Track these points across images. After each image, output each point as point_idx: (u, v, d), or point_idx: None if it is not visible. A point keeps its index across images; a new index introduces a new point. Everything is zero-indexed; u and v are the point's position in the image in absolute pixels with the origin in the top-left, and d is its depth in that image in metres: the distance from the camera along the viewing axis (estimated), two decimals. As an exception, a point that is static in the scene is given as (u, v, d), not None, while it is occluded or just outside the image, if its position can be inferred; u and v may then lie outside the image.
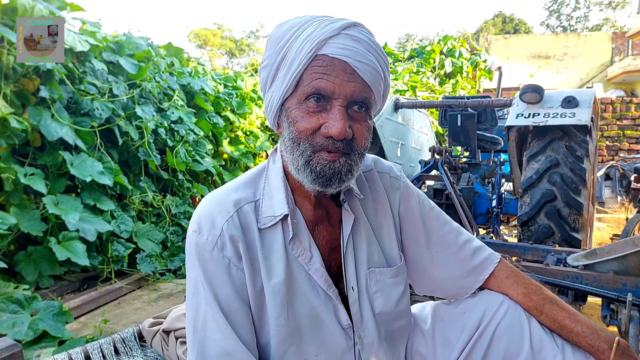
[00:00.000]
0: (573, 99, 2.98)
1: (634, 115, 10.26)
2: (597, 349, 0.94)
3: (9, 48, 3.03)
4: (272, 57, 0.87)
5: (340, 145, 0.83)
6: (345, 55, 0.82)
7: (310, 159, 0.84)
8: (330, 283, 0.93)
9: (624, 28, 27.48)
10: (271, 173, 0.95)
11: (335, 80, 0.81)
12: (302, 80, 0.83)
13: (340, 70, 0.82)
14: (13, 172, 2.92)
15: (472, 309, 1.05)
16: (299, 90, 0.84)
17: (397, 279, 1.01)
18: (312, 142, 0.84)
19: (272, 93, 0.88)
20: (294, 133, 0.85)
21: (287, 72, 0.84)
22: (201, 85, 5.01)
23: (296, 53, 0.82)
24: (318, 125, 0.83)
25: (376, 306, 0.97)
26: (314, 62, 0.82)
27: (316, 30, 0.82)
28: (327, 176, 0.84)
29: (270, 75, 0.88)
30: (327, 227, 0.97)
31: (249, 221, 0.90)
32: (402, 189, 1.07)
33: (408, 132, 4.65)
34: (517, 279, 1.05)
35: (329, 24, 0.84)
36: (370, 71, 0.84)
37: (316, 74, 0.82)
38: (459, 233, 1.09)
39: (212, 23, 33.82)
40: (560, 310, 0.99)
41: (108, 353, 1.54)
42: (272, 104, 0.89)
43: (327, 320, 0.91)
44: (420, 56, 11.61)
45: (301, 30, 0.84)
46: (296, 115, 0.84)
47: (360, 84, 0.83)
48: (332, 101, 0.83)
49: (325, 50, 0.82)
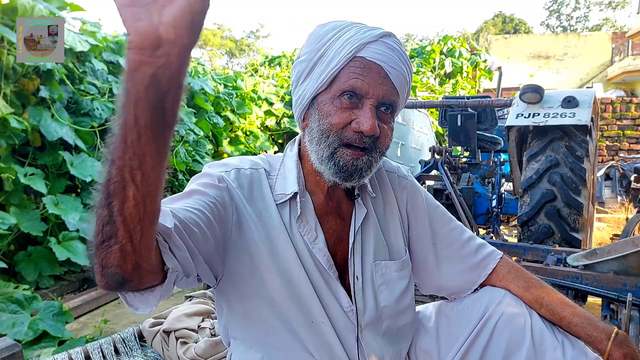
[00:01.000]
0: (573, 99, 2.98)
1: (634, 115, 10.26)
2: (595, 339, 0.97)
3: (9, 48, 3.03)
4: (311, 53, 0.92)
5: (368, 141, 0.89)
6: (381, 60, 0.89)
7: (335, 151, 0.90)
8: (332, 264, 0.96)
9: (624, 28, 27.48)
10: (287, 158, 1.01)
11: (370, 81, 0.88)
12: (338, 77, 0.90)
13: (375, 73, 0.89)
14: (13, 172, 2.92)
15: (475, 303, 1.07)
16: (333, 87, 0.90)
17: (401, 273, 1.04)
18: (341, 135, 0.90)
19: (305, 86, 0.94)
20: (326, 125, 0.90)
21: (325, 69, 0.90)
22: (201, 85, 5.01)
23: (336, 52, 0.89)
24: (349, 120, 0.89)
25: (381, 299, 1.00)
26: (352, 63, 0.89)
27: (357, 35, 0.90)
28: (349, 171, 0.90)
29: (306, 70, 0.94)
30: (336, 218, 1.01)
31: (260, 181, 0.97)
32: (409, 188, 1.12)
33: (408, 132, 4.65)
34: (518, 274, 1.09)
35: (368, 30, 0.91)
36: (400, 77, 0.92)
37: (353, 73, 0.89)
38: (462, 230, 1.14)
39: (212, 23, 33.79)
40: (559, 303, 1.02)
41: (108, 353, 1.55)
42: (304, 97, 0.94)
43: (326, 298, 0.94)
44: (420, 56, 11.61)
45: (342, 32, 0.91)
46: (329, 109, 0.90)
47: (391, 88, 0.91)
48: (365, 100, 0.89)
49: (364, 53, 0.89)
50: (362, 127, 0.87)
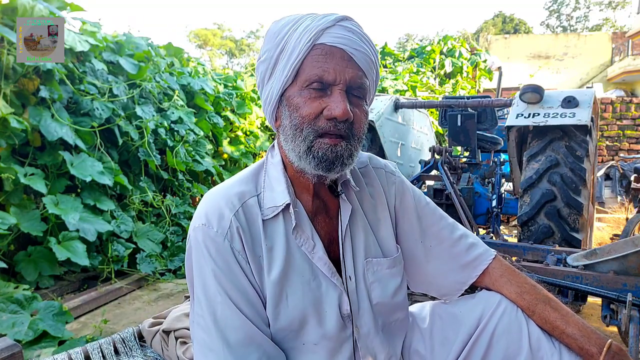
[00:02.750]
0: (573, 99, 2.98)
1: (634, 115, 10.26)
2: (586, 352, 0.94)
3: (9, 48, 3.03)
4: (271, 50, 0.90)
5: (343, 126, 0.87)
6: (342, 43, 0.87)
7: (312, 144, 0.87)
8: (334, 271, 0.94)
9: (624, 28, 27.48)
10: (270, 167, 0.98)
11: (335, 67, 0.86)
12: (302, 69, 0.87)
13: (338, 57, 0.87)
14: (13, 172, 2.92)
15: (471, 308, 1.05)
16: (299, 79, 0.88)
17: (393, 270, 1.03)
18: (314, 126, 0.87)
19: (271, 85, 0.91)
20: (297, 119, 0.88)
21: (287, 63, 0.87)
22: (201, 85, 5.01)
23: (295, 44, 0.87)
24: (320, 109, 0.87)
25: (373, 297, 0.99)
26: (313, 52, 0.87)
27: (313, 22, 0.87)
28: (330, 160, 0.88)
29: (269, 68, 0.91)
30: (325, 218, 0.99)
31: (253, 214, 0.92)
32: (397, 184, 1.10)
33: (408, 132, 4.65)
34: (511, 278, 1.06)
35: (324, 17, 0.89)
36: (365, 59, 0.89)
37: (317, 62, 0.86)
38: (454, 228, 1.10)
39: (212, 23, 33.84)
40: (552, 311, 0.99)
41: (108, 353, 1.55)
42: (272, 96, 0.92)
43: (328, 310, 0.92)
44: (420, 56, 11.61)
45: (298, 23, 0.88)
46: (298, 102, 0.88)
47: (357, 70, 0.88)
48: (332, 87, 0.87)
49: (323, 39, 0.86)
50: (334, 112, 0.85)
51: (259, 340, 0.86)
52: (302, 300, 0.90)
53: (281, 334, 0.90)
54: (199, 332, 0.88)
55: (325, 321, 0.92)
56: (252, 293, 0.88)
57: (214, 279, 0.87)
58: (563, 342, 0.98)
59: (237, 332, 0.85)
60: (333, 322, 0.92)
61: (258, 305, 0.89)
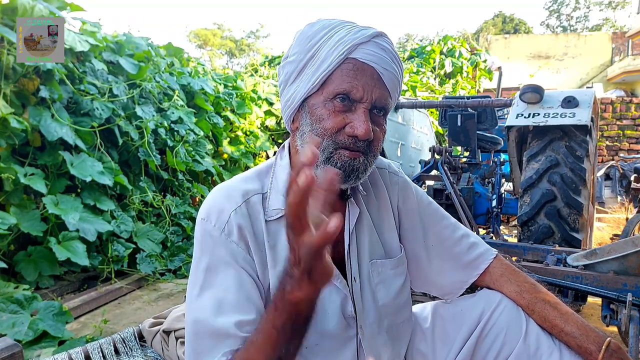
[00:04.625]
0: (573, 99, 2.98)
1: (634, 115, 10.26)
2: (585, 350, 0.95)
3: (9, 48, 3.03)
4: (301, 53, 0.89)
5: (362, 145, 0.88)
6: (373, 61, 0.87)
7: (331, 155, 0.88)
8: (338, 274, 0.94)
9: (624, 28, 27.47)
10: (278, 169, 0.97)
11: (363, 84, 0.86)
12: (330, 79, 0.87)
13: (368, 75, 0.86)
14: (13, 172, 2.92)
15: (471, 307, 1.06)
16: (326, 89, 0.87)
17: (397, 270, 1.03)
18: (335, 139, 0.87)
19: (295, 88, 0.91)
20: (319, 130, 0.87)
21: (317, 70, 0.87)
22: (201, 85, 5.01)
23: (328, 53, 0.86)
24: (343, 124, 0.87)
25: (379, 297, 0.99)
26: (344, 65, 0.86)
27: (349, 35, 0.87)
28: (347, 172, 0.88)
29: (295, 71, 0.90)
30: None
31: (256, 212, 0.92)
32: (400, 184, 1.11)
33: (408, 132, 4.65)
34: (511, 277, 1.07)
35: (360, 30, 0.88)
36: (393, 79, 0.90)
37: (346, 76, 0.86)
38: (455, 228, 1.11)
39: (212, 23, 33.85)
40: (552, 310, 1.00)
41: (108, 353, 1.55)
42: (294, 99, 0.91)
43: (330, 311, 0.92)
44: (420, 56, 11.61)
45: (333, 32, 0.88)
46: (322, 113, 0.87)
47: (384, 91, 0.89)
48: (358, 104, 0.87)
49: (356, 54, 0.86)
50: (356, 131, 0.85)
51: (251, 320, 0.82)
52: None
53: None
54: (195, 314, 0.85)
55: (327, 322, 0.92)
56: (248, 284, 0.86)
57: (208, 272, 0.86)
58: (562, 340, 0.98)
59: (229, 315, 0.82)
60: (335, 323, 0.92)
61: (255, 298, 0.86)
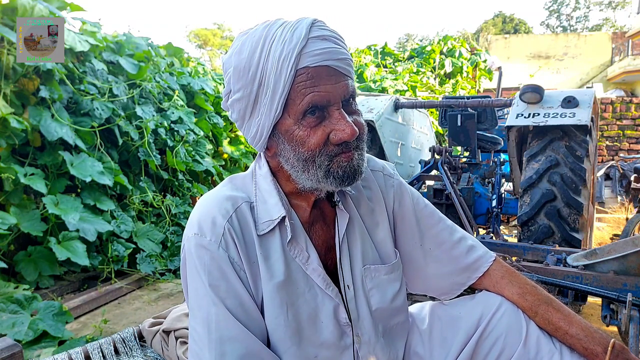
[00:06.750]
0: (573, 99, 2.98)
1: (634, 115, 10.26)
2: (591, 352, 0.94)
3: (9, 48, 3.03)
4: (247, 87, 0.83)
5: (352, 143, 0.85)
6: (324, 59, 0.81)
7: (329, 167, 0.85)
8: (329, 282, 0.93)
9: (624, 28, 27.47)
10: (260, 179, 0.94)
11: (325, 88, 0.81)
12: (291, 99, 0.81)
13: (325, 76, 0.81)
14: (13, 172, 2.92)
15: (470, 310, 1.05)
16: (291, 111, 0.82)
17: (392, 276, 1.01)
18: (326, 152, 0.84)
19: (257, 122, 0.86)
20: (306, 153, 0.84)
21: (274, 97, 0.81)
22: (201, 85, 5.01)
23: (276, 77, 0.80)
24: (325, 135, 0.83)
25: (372, 303, 0.97)
26: (297, 79, 0.80)
27: (285, 47, 0.79)
28: (351, 175, 0.86)
29: (249, 105, 0.85)
30: (323, 226, 0.97)
31: (246, 221, 0.89)
32: (395, 187, 1.07)
33: (408, 132, 4.65)
34: (512, 279, 1.05)
35: (292, 34, 0.80)
36: (347, 63, 0.84)
37: (304, 89, 0.80)
38: (453, 230, 1.09)
39: (212, 23, 33.82)
40: (555, 312, 0.99)
41: (108, 353, 1.55)
42: (262, 132, 0.86)
43: (325, 320, 0.91)
44: (420, 56, 11.61)
45: (267, 50, 0.81)
46: (300, 135, 0.83)
47: (344, 79, 0.84)
48: (329, 108, 0.83)
49: (303, 63, 0.80)
50: (343, 136, 0.82)
51: (257, 350, 0.83)
52: (299, 311, 0.89)
53: (279, 345, 0.88)
54: (193, 346, 0.85)
55: (322, 332, 0.91)
56: (249, 301, 0.86)
57: (208, 289, 0.84)
58: (567, 342, 0.97)
59: (234, 344, 0.81)
60: (330, 332, 0.91)
61: (255, 313, 0.86)
